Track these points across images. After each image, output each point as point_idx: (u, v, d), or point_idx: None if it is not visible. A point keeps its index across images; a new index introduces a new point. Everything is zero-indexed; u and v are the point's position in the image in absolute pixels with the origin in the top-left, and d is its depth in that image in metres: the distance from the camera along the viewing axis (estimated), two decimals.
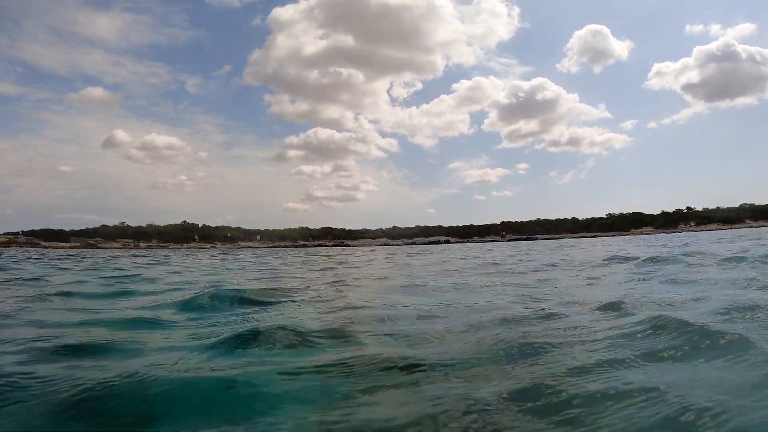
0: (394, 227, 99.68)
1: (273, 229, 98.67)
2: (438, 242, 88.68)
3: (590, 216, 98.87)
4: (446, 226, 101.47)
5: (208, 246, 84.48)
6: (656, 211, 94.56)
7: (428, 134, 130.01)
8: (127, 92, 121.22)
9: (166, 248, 78.61)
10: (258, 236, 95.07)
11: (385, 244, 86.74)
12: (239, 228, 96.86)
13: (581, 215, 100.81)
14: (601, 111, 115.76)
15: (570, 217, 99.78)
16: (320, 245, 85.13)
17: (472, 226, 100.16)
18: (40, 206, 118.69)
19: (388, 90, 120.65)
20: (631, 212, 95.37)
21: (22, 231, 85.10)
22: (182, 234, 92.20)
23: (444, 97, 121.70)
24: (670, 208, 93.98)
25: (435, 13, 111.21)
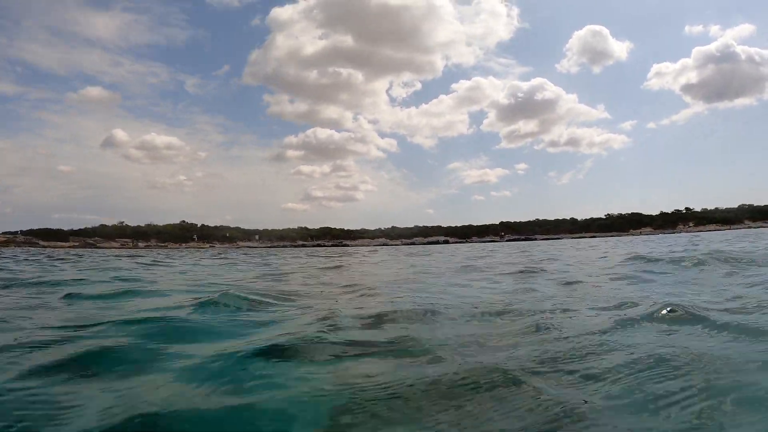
0: (393, 227, 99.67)
1: (272, 229, 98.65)
2: (437, 242, 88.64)
3: (589, 216, 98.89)
4: (445, 227, 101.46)
5: (207, 246, 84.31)
6: (655, 212, 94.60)
7: (427, 134, 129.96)
8: (126, 92, 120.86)
9: (165, 248, 78.42)
10: (257, 236, 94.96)
11: (384, 245, 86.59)
12: (238, 228, 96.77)
13: (580, 216, 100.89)
14: (601, 111, 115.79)
15: (569, 218, 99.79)
16: (319, 245, 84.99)
17: (471, 227, 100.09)
18: (39, 206, 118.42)
19: (388, 90, 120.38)
20: (630, 213, 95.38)
21: (21, 230, 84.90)
22: (181, 234, 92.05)
23: (443, 98, 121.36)
24: (669, 209, 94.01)
25: (434, 14, 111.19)
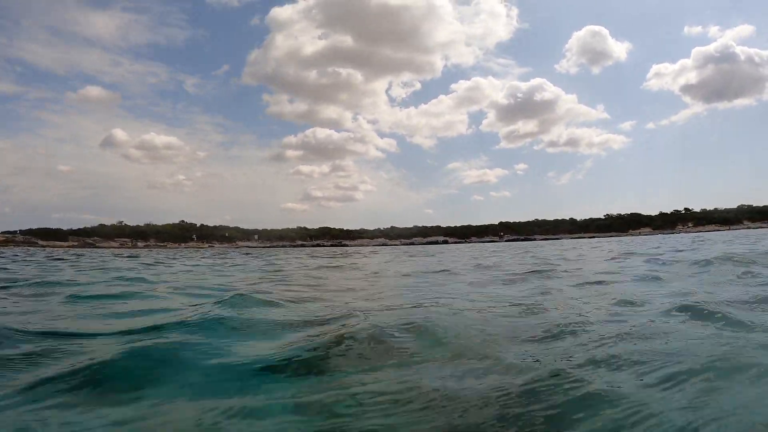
0: (392, 227, 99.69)
1: (271, 229, 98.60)
2: (436, 242, 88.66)
3: (588, 217, 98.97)
4: (444, 227, 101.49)
5: (206, 246, 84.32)
6: (654, 212, 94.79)
7: (427, 134, 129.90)
8: (126, 92, 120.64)
9: (164, 248, 78.40)
10: (256, 236, 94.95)
11: (383, 245, 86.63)
12: (237, 228, 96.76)
13: (579, 216, 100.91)
14: (600, 112, 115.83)
15: (568, 218, 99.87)
16: (318, 245, 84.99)
17: (470, 227, 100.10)
18: (38, 205, 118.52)
19: (387, 90, 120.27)
20: (629, 213, 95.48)
21: (20, 230, 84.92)
22: (180, 234, 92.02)
23: (443, 98, 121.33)
24: (668, 209, 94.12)
25: (434, 14, 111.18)
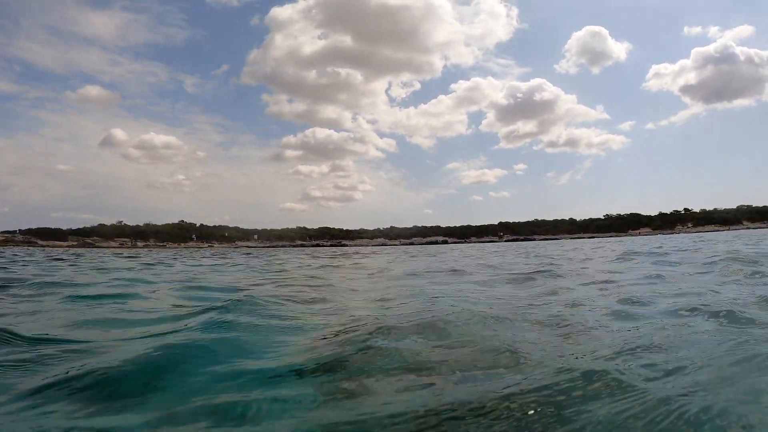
0: (392, 227, 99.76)
1: (270, 229, 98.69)
2: (435, 242, 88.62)
3: (588, 217, 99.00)
4: (444, 227, 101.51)
5: (206, 246, 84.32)
6: (654, 213, 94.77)
7: (426, 135, 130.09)
8: (125, 91, 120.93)
9: (164, 248, 78.44)
10: (255, 236, 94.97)
11: (383, 245, 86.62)
12: (237, 228, 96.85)
13: (579, 216, 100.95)
14: (599, 112, 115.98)
15: (567, 218, 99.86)
16: (317, 245, 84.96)
17: (470, 227, 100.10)
18: (37, 205, 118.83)
19: (387, 90, 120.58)
20: (629, 213, 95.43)
21: (20, 230, 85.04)
22: (179, 233, 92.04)
23: (442, 98, 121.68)
24: (668, 210, 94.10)
25: (434, 14, 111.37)
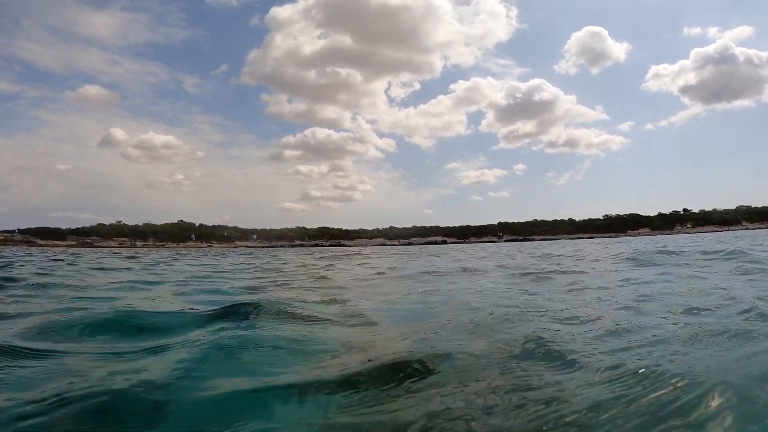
0: (391, 227, 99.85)
1: (270, 229, 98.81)
2: (435, 242, 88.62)
3: (587, 217, 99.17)
4: (443, 227, 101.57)
5: (205, 245, 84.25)
6: (653, 213, 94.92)
7: (426, 135, 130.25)
8: (125, 91, 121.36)
9: (163, 247, 78.38)
10: (254, 236, 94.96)
11: (382, 245, 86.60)
12: (236, 227, 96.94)
13: (578, 216, 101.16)
14: (599, 113, 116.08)
15: (567, 218, 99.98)
16: (317, 245, 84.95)
17: (469, 227, 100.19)
18: (37, 204, 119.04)
19: (386, 90, 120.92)
20: (628, 214, 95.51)
21: (19, 229, 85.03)
22: (179, 233, 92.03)
23: (442, 98, 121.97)
24: (667, 210, 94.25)
25: (434, 14, 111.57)
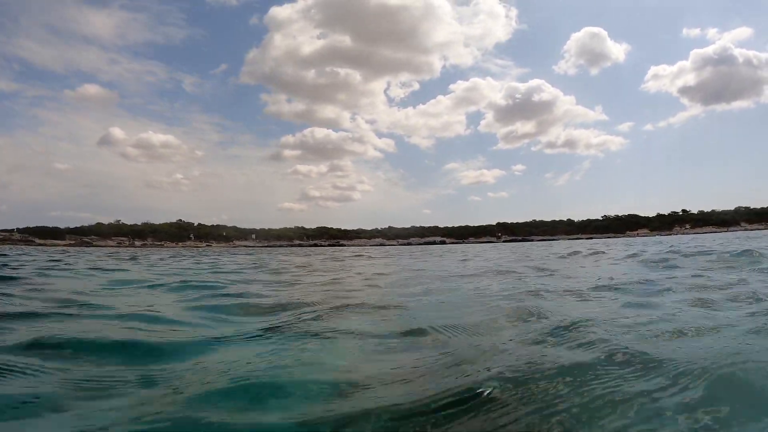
0: (390, 227, 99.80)
1: (269, 229, 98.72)
2: (434, 243, 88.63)
3: (586, 218, 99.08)
4: (442, 227, 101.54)
5: (204, 245, 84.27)
6: (652, 214, 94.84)
7: (425, 135, 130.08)
8: (124, 90, 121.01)
9: (162, 247, 78.39)
10: (253, 235, 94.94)
11: (381, 244, 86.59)
12: (235, 227, 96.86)
13: (577, 217, 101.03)
14: (598, 113, 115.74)
15: (566, 219, 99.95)
16: (316, 245, 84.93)
17: (468, 227, 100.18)
18: (35, 203, 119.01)
19: (385, 90, 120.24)
20: (627, 214, 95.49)
21: (17, 228, 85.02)
22: (177, 233, 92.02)
23: (441, 98, 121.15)
24: (666, 211, 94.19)
25: (433, 14, 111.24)
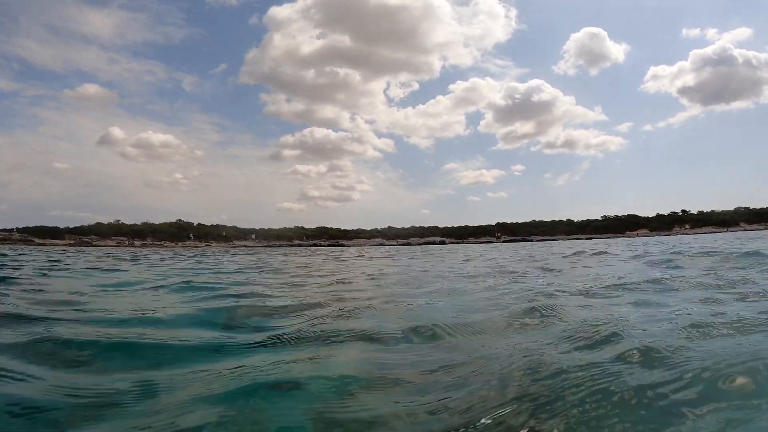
0: (390, 227, 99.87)
1: (268, 229, 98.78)
2: (433, 243, 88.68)
3: (585, 218, 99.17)
4: (441, 227, 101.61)
5: (203, 245, 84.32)
6: (651, 214, 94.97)
7: (424, 135, 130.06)
8: (123, 90, 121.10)
9: (161, 246, 78.43)
10: (253, 235, 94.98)
11: (381, 245, 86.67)
12: (234, 227, 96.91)
13: (576, 217, 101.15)
14: (597, 113, 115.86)
15: (565, 219, 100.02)
16: (315, 245, 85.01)
17: (468, 227, 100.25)
18: (35, 203, 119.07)
19: (385, 90, 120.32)
20: (626, 214, 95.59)
21: (17, 228, 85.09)
22: (177, 232, 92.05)
23: (440, 98, 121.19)
24: (665, 211, 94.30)
25: (432, 14, 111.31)
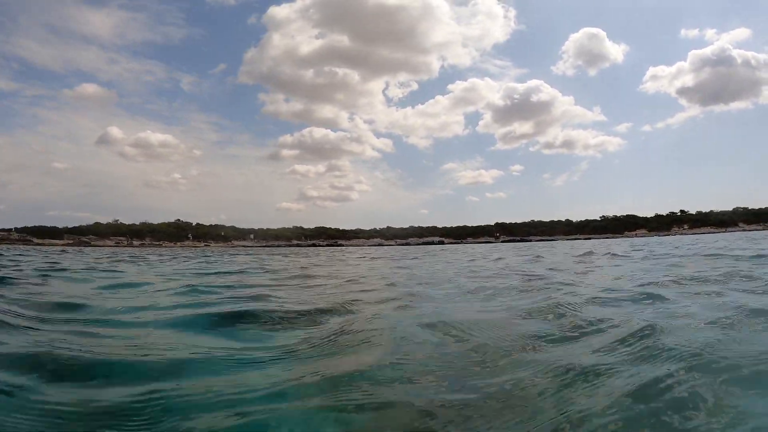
0: (388, 227, 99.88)
1: (267, 229, 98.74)
2: (432, 243, 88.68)
3: (584, 218, 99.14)
4: (440, 227, 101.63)
5: (202, 245, 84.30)
6: (650, 214, 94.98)
7: (423, 135, 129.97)
8: (122, 90, 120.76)
9: (160, 246, 78.40)
10: (252, 235, 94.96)
11: (380, 245, 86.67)
12: (233, 227, 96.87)
13: (575, 217, 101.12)
14: (596, 114, 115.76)
15: (564, 219, 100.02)
16: (314, 245, 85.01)
17: (466, 227, 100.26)
18: (34, 203, 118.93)
19: (384, 90, 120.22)
20: (625, 215, 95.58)
21: (15, 228, 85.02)
22: (176, 232, 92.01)
23: (439, 98, 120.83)
24: (664, 211, 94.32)
25: (431, 14, 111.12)
